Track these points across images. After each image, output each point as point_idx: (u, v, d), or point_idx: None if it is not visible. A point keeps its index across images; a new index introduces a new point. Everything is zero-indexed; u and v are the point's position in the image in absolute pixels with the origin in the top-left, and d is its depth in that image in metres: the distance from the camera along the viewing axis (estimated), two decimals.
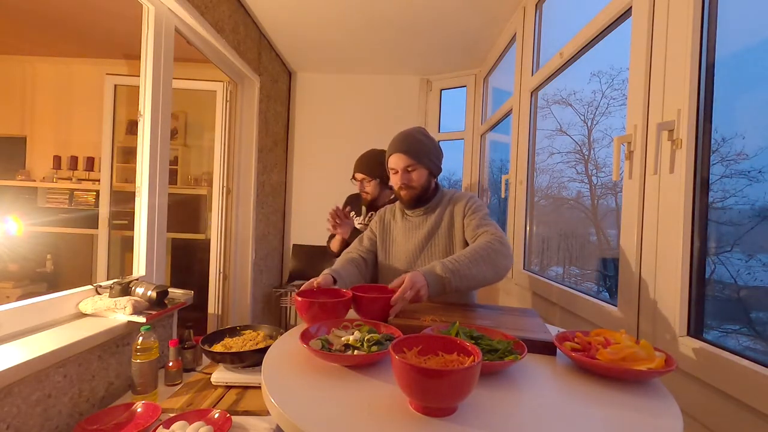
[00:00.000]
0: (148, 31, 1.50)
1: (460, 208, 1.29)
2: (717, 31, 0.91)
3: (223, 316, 2.42)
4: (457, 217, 1.29)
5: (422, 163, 1.28)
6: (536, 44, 1.96)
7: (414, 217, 1.37)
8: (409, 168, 1.28)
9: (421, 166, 1.28)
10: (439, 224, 1.31)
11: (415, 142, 1.29)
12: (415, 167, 1.28)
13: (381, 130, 3.27)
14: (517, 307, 1.19)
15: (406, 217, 1.39)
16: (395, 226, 1.41)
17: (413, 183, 1.30)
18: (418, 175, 1.29)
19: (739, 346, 0.95)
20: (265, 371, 0.71)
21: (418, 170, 1.29)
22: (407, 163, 1.27)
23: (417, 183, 1.30)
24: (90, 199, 2.91)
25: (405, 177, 1.29)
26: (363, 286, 1.06)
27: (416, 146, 1.29)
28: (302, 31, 2.56)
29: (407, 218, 1.38)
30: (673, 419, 0.58)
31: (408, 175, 1.29)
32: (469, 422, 0.56)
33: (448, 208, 1.33)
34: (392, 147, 1.32)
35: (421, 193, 1.31)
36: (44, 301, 1.12)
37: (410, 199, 1.32)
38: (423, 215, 1.36)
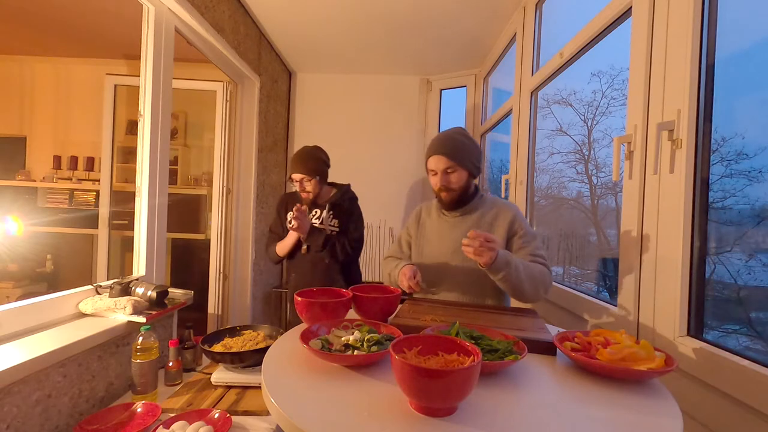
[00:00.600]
0: (148, 31, 1.50)
1: (505, 222, 1.27)
2: (717, 31, 0.91)
3: (223, 316, 2.42)
4: (498, 229, 1.27)
5: (462, 165, 1.26)
6: (536, 44, 1.96)
7: (450, 218, 1.35)
8: (448, 170, 1.27)
9: (461, 167, 1.27)
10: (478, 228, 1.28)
11: (456, 144, 1.28)
12: (455, 169, 1.27)
13: (381, 130, 3.28)
14: (517, 307, 1.19)
15: (443, 217, 1.37)
16: (430, 225, 1.40)
17: (452, 185, 1.28)
18: (458, 177, 1.28)
19: (739, 346, 0.95)
20: (265, 371, 0.71)
21: (458, 172, 1.27)
22: (447, 165, 1.26)
23: (456, 185, 1.28)
24: (90, 199, 2.91)
25: (444, 179, 1.28)
26: (363, 286, 1.06)
27: (456, 148, 1.27)
28: (302, 31, 2.56)
29: (443, 217, 1.37)
30: (673, 419, 0.58)
31: (447, 177, 1.28)
32: (469, 422, 0.56)
33: (489, 214, 1.30)
34: (432, 148, 1.30)
35: (460, 195, 1.30)
36: (44, 301, 1.12)
37: (450, 201, 1.31)
38: (460, 216, 1.34)
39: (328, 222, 1.82)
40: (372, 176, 3.21)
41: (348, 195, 1.89)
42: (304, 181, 1.77)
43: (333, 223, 1.82)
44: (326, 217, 1.81)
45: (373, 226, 3.25)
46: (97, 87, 2.62)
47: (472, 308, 1.11)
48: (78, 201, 2.91)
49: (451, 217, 1.35)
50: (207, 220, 2.84)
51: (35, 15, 2.37)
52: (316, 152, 1.81)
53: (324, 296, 0.99)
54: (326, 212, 1.82)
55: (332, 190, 1.90)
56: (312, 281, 1.77)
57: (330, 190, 1.90)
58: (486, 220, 1.30)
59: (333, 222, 1.82)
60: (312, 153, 1.80)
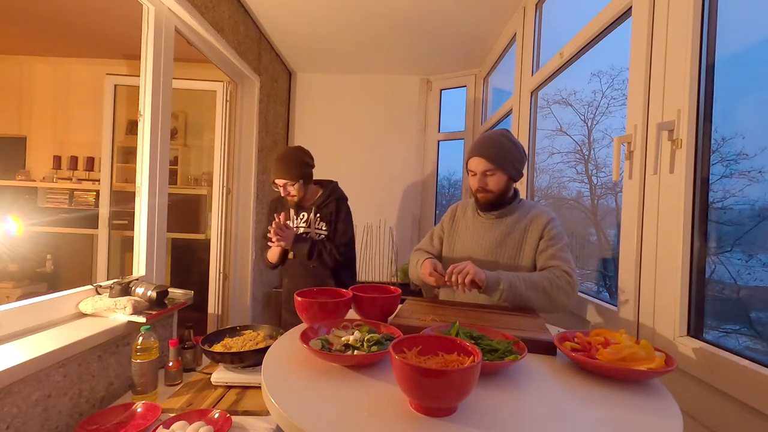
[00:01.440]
0: (148, 31, 1.50)
1: (539, 226, 1.25)
2: (717, 31, 0.91)
3: (223, 316, 2.42)
4: (532, 234, 1.26)
5: (502, 169, 1.26)
6: (536, 44, 1.96)
7: (486, 219, 1.34)
8: (488, 172, 1.27)
9: (501, 171, 1.26)
10: (511, 233, 1.28)
11: (498, 147, 1.27)
12: (494, 172, 1.26)
13: (381, 130, 3.28)
14: (517, 307, 1.19)
15: (478, 217, 1.36)
16: (465, 223, 1.39)
17: (490, 187, 1.28)
18: (497, 180, 1.27)
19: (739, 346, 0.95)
20: (265, 371, 0.71)
21: (497, 175, 1.26)
22: (486, 168, 1.26)
23: (495, 188, 1.27)
24: (90, 199, 2.91)
25: (482, 181, 1.28)
26: (363, 286, 1.06)
27: (498, 151, 1.26)
28: (302, 31, 2.56)
29: (478, 218, 1.36)
30: (673, 419, 0.58)
31: (485, 179, 1.27)
32: (469, 422, 0.56)
33: (524, 220, 1.29)
34: (474, 149, 1.30)
35: (497, 198, 1.29)
36: (44, 301, 1.12)
37: (486, 203, 1.31)
38: (496, 218, 1.33)
39: (315, 225, 1.76)
40: (372, 176, 3.21)
41: (334, 196, 1.80)
42: (288, 185, 1.71)
43: (320, 226, 1.76)
44: (313, 221, 1.76)
45: (373, 225, 3.25)
46: (97, 87, 2.62)
47: (472, 308, 1.11)
48: (78, 201, 2.91)
49: (486, 219, 1.34)
50: (207, 220, 2.84)
51: (35, 15, 2.37)
52: (297, 154, 1.74)
53: (324, 296, 0.99)
54: (312, 215, 1.77)
55: (319, 190, 1.83)
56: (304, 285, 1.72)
57: (317, 190, 1.82)
58: (521, 225, 1.28)
59: (320, 225, 1.77)
60: (293, 156, 1.72)
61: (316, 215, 1.77)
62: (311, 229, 1.76)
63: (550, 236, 1.23)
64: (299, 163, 1.72)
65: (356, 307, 0.98)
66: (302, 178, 1.71)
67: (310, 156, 1.81)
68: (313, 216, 1.77)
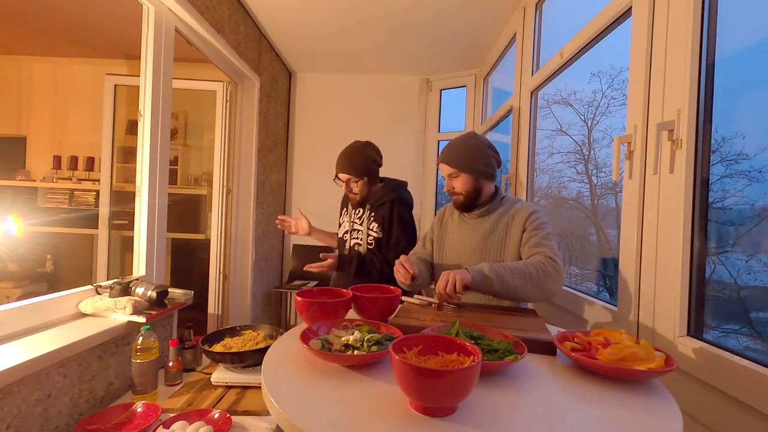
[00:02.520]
0: (148, 31, 1.50)
1: (521, 220, 1.26)
2: (717, 31, 0.91)
3: (223, 316, 2.42)
4: (514, 229, 1.27)
5: (464, 171, 1.29)
6: (536, 44, 1.96)
7: (469, 219, 1.37)
8: (452, 175, 1.31)
9: (464, 173, 1.29)
10: (494, 231, 1.29)
11: (459, 150, 1.31)
12: (457, 174, 1.30)
13: (381, 130, 3.28)
14: (517, 307, 1.19)
15: (462, 218, 1.39)
16: (452, 225, 1.42)
17: (457, 190, 1.32)
18: (461, 182, 1.30)
19: (739, 346, 0.95)
20: (265, 371, 0.71)
21: (461, 177, 1.30)
22: (449, 172, 1.31)
23: (461, 189, 1.31)
24: (90, 199, 2.91)
25: (448, 184, 1.33)
26: (363, 286, 1.06)
27: (459, 154, 1.30)
28: (302, 31, 2.56)
29: (463, 219, 1.39)
30: (673, 419, 0.58)
31: (451, 183, 1.32)
32: (469, 422, 0.56)
33: (506, 216, 1.30)
34: (440, 156, 1.36)
35: (468, 200, 1.32)
36: (44, 301, 1.12)
37: (458, 204, 1.35)
38: (478, 218, 1.35)
39: (368, 225, 1.65)
40: None
41: (390, 196, 1.64)
42: (351, 181, 1.62)
43: (372, 227, 1.64)
44: (367, 219, 1.64)
45: None
46: (97, 87, 2.62)
47: (472, 308, 1.11)
48: (78, 201, 2.91)
49: (469, 219, 1.37)
50: (207, 220, 2.84)
51: (35, 15, 2.37)
52: (365, 150, 1.63)
53: (324, 296, 0.99)
54: (367, 214, 1.65)
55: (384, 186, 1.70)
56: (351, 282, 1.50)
57: (381, 187, 1.69)
58: (503, 222, 1.29)
59: (372, 226, 1.64)
60: (361, 150, 1.62)
61: (370, 213, 1.66)
62: (363, 227, 1.65)
63: (533, 227, 1.24)
64: (366, 159, 1.61)
65: (356, 307, 0.98)
66: (367, 175, 1.61)
67: (379, 153, 1.70)
68: (368, 214, 1.66)
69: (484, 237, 1.30)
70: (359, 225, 1.67)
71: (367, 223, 1.65)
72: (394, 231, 1.61)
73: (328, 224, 2.03)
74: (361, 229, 1.66)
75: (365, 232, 1.65)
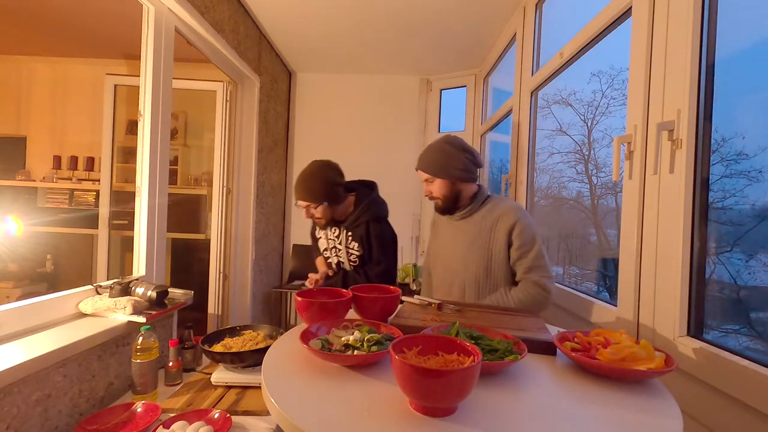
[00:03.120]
0: (148, 31, 1.50)
1: (506, 225, 1.26)
2: (717, 31, 0.91)
3: (223, 316, 2.42)
4: (499, 233, 1.27)
5: (438, 175, 1.32)
6: (536, 44, 1.96)
7: (455, 221, 1.39)
8: (427, 181, 1.35)
9: (438, 177, 1.32)
10: (479, 233, 1.30)
11: (430, 155, 1.34)
12: (431, 179, 1.34)
13: (381, 130, 3.28)
14: (517, 307, 1.19)
15: (449, 221, 1.42)
16: (443, 228, 1.45)
17: (433, 194, 1.35)
18: (436, 186, 1.33)
19: (739, 346, 0.95)
20: (265, 371, 0.71)
21: (436, 182, 1.33)
22: (424, 177, 1.36)
23: (437, 194, 1.34)
24: (90, 199, 2.91)
25: (426, 189, 1.37)
26: (363, 286, 1.06)
27: (431, 159, 1.33)
28: (302, 31, 2.56)
29: (449, 221, 1.41)
30: (673, 419, 0.58)
31: (428, 188, 1.36)
32: (469, 422, 0.56)
33: (490, 218, 1.30)
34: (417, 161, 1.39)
35: (446, 203, 1.35)
36: (44, 301, 1.12)
37: (437, 209, 1.39)
38: (461, 219, 1.37)
39: (347, 244, 1.60)
40: (372, 176, 3.16)
41: (365, 218, 1.58)
42: (311, 208, 1.54)
43: (352, 246, 1.59)
44: (345, 239, 1.60)
45: None
46: (97, 87, 2.62)
47: (472, 308, 1.11)
48: (78, 201, 2.91)
49: (454, 221, 1.39)
50: (207, 220, 2.84)
51: (35, 15, 2.37)
52: (323, 172, 1.54)
53: (324, 296, 0.99)
54: (344, 234, 1.60)
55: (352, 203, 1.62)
56: None
57: (350, 203, 1.61)
58: (486, 225, 1.30)
59: (352, 245, 1.59)
60: (318, 173, 1.53)
61: (347, 234, 1.61)
62: (342, 247, 1.61)
63: (520, 241, 1.24)
64: (322, 182, 1.51)
65: (356, 307, 0.98)
66: (327, 199, 1.52)
67: (339, 171, 1.60)
68: (345, 235, 1.61)
69: (470, 240, 1.31)
70: (338, 244, 1.64)
71: (346, 242, 1.62)
72: (374, 251, 1.59)
73: None
74: (341, 248, 1.63)
75: (345, 252, 1.63)
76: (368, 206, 1.62)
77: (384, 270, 1.58)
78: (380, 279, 1.56)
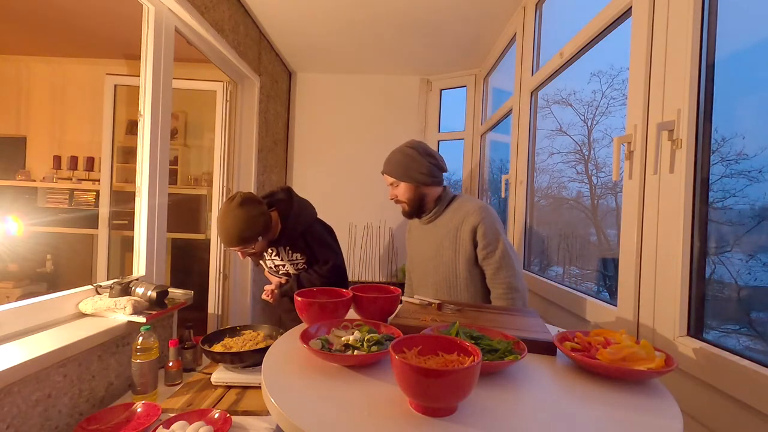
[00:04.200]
0: (148, 31, 1.50)
1: (470, 226, 1.28)
2: (717, 31, 0.91)
3: (223, 316, 2.42)
4: (464, 234, 1.30)
5: (403, 179, 1.35)
6: (536, 44, 1.96)
7: (424, 225, 1.43)
8: (392, 185, 1.39)
9: (402, 181, 1.36)
10: (446, 235, 1.34)
11: (393, 160, 1.38)
12: (396, 183, 1.37)
13: (381, 130, 3.28)
14: (517, 307, 1.19)
15: (420, 225, 1.45)
16: (416, 233, 1.48)
17: (399, 198, 1.39)
18: (402, 190, 1.37)
19: (739, 346, 0.95)
20: (265, 371, 0.71)
21: (401, 186, 1.37)
22: (389, 181, 1.39)
23: (402, 197, 1.38)
24: (90, 199, 2.91)
25: (392, 193, 1.41)
26: (363, 286, 1.06)
27: (396, 164, 1.36)
28: (302, 31, 2.56)
29: (421, 226, 1.45)
30: (673, 419, 0.58)
31: (393, 191, 1.40)
32: (469, 422, 0.56)
33: (455, 219, 1.33)
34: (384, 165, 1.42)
35: (412, 207, 1.38)
36: (44, 301, 1.12)
37: (403, 213, 1.43)
38: (429, 223, 1.41)
39: (289, 258, 1.61)
40: (371, 176, 3.20)
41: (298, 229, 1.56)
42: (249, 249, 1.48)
43: (294, 258, 1.61)
44: (285, 255, 1.61)
45: (373, 225, 3.25)
46: (97, 87, 2.62)
47: (472, 308, 1.11)
48: (78, 201, 2.91)
49: (424, 225, 1.43)
50: (207, 220, 2.84)
51: (35, 15, 2.37)
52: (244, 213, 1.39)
53: (324, 296, 0.99)
54: (284, 251, 1.60)
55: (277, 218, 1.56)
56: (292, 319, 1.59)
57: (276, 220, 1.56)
58: (452, 226, 1.34)
59: (294, 257, 1.61)
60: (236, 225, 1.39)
61: (287, 249, 1.60)
62: (286, 261, 1.62)
63: (484, 243, 1.27)
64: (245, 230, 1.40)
65: (356, 307, 0.98)
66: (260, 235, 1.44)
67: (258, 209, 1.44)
68: (285, 251, 1.61)
69: (439, 242, 1.35)
70: (280, 262, 1.63)
71: (288, 257, 1.61)
72: (317, 253, 1.59)
73: None
74: (284, 264, 1.63)
75: (290, 265, 1.62)
76: (296, 220, 1.56)
77: (333, 266, 1.60)
78: (332, 275, 1.58)
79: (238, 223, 1.39)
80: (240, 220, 1.39)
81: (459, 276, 1.32)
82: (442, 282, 1.34)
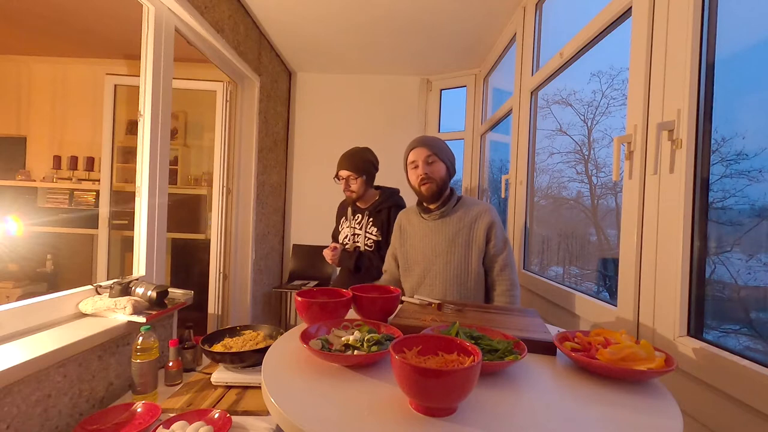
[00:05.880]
0: (148, 31, 1.50)
1: (484, 226, 1.34)
2: (717, 31, 0.91)
3: (223, 316, 2.42)
4: (478, 233, 1.34)
5: (441, 158, 1.37)
6: (536, 44, 1.96)
7: (430, 220, 1.40)
8: (429, 159, 1.36)
9: (440, 160, 1.37)
10: (459, 232, 1.35)
11: (435, 140, 1.40)
12: (435, 159, 1.36)
13: (381, 130, 3.28)
14: (517, 307, 1.19)
15: (424, 221, 1.43)
16: (413, 231, 1.45)
17: (434, 174, 1.36)
18: (438, 168, 1.37)
19: (739, 346, 0.95)
20: (265, 371, 0.71)
21: (438, 163, 1.37)
22: (427, 154, 1.36)
23: (437, 175, 1.36)
24: (90, 199, 2.91)
25: (426, 168, 1.35)
26: (363, 286, 1.06)
27: (435, 142, 1.39)
28: (302, 31, 2.56)
29: (424, 221, 1.42)
30: (673, 419, 0.58)
31: (429, 167, 1.36)
32: (469, 422, 0.56)
33: (468, 217, 1.36)
34: (412, 144, 1.42)
35: (440, 188, 1.37)
36: (44, 301, 1.12)
37: (430, 194, 1.37)
38: (439, 218, 1.39)
39: (367, 228, 1.78)
40: None
41: (388, 203, 1.79)
42: (350, 179, 1.76)
43: (371, 230, 1.77)
44: (366, 224, 1.78)
45: None
46: (97, 87, 2.62)
47: (472, 308, 1.11)
48: (78, 201, 2.91)
49: (431, 220, 1.40)
50: (207, 220, 2.84)
51: (35, 15, 2.37)
52: (366, 153, 1.80)
53: (324, 296, 0.99)
54: (365, 219, 1.79)
55: (377, 194, 1.84)
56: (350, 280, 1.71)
57: (375, 194, 1.84)
58: (466, 223, 1.35)
59: (371, 229, 1.77)
60: (360, 153, 1.78)
61: (369, 219, 1.79)
62: (362, 231, 1.79)
63: (494, 242, 1.35)
64: (365, 161, 1.77)
65: (356, 307, 0.98)
66: (365, 174, 1.76)
67: (377, 159, 1.84)
68: (366, 219, 1.79)
69: (451, 238, 1.35)
70: (359, 230, 1.79)
71: (366, 227, 1.79)
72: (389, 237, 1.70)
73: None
74: (360, 233, 1.78)
75: (364, 235, 1.77)
76: (391, 195, 1.83)
77: None
78: None
79: (361, 152, 1.79)
80: (364, 151, 1.80)
81: (471, 272, 1.34)
82: (453, 278, 1.34)
